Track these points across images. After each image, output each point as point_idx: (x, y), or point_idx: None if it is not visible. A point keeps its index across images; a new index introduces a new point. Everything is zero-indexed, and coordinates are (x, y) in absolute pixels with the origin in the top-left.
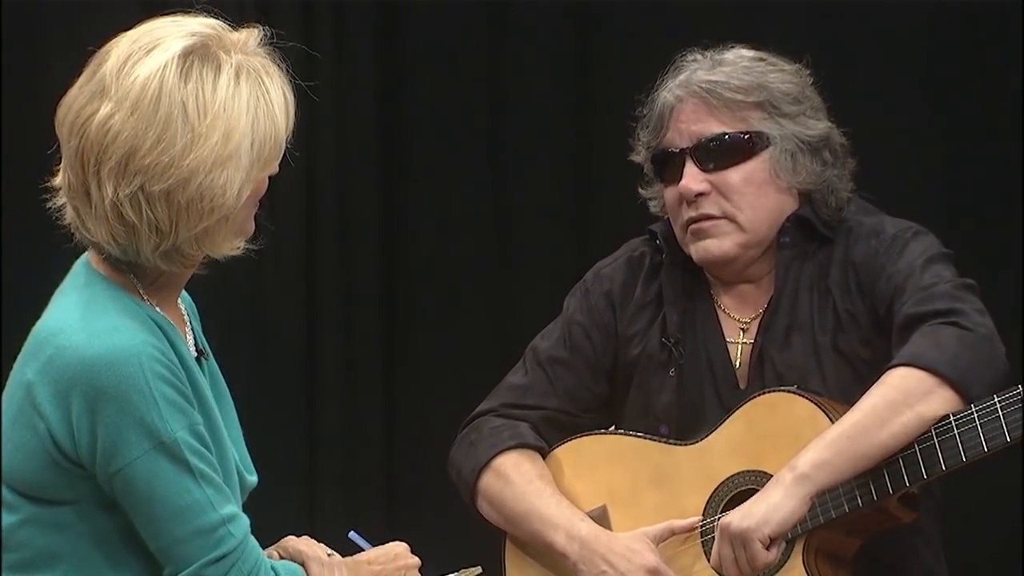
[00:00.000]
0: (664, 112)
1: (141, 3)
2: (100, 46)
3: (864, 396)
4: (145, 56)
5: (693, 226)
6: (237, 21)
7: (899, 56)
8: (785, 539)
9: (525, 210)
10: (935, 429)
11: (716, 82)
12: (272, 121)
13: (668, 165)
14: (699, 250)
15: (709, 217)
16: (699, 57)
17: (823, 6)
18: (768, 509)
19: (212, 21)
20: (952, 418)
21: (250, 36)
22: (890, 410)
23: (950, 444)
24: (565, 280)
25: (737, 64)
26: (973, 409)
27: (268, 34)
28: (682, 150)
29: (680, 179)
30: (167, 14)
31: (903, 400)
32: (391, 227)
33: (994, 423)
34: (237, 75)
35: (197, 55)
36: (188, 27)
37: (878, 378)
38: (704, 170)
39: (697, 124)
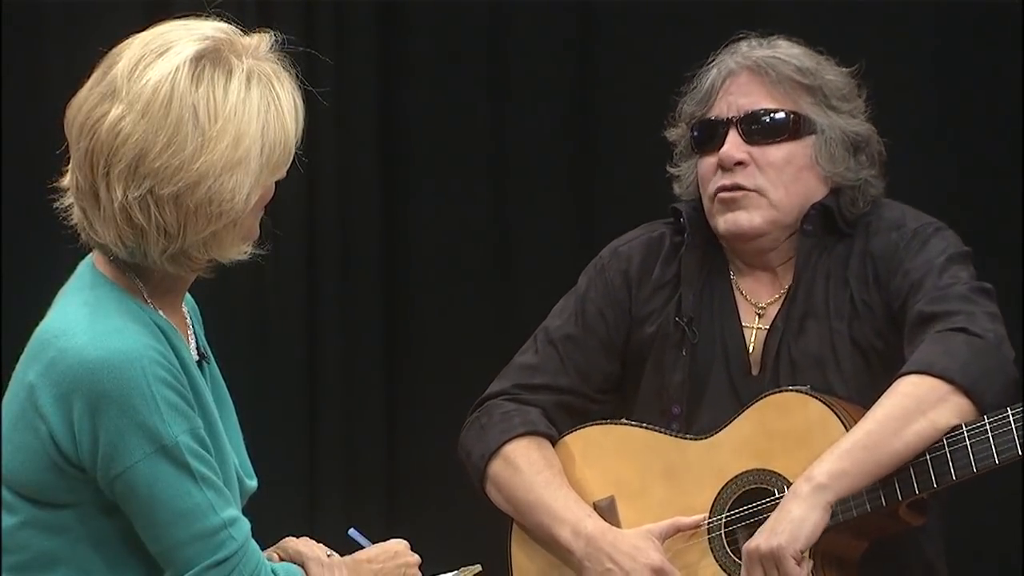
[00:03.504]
0: (716, 82)
1: (142, 4)
2: (101, 46)
3: (876, 404)
4: (157, 59)
5: (724, 194)
6: (237, 21)
7: (905, 57)
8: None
9: (526, 210)
10: (947, 439)
11: (775, 58)
12: (282, 126)
13: (711, 134)
14: (728, 221)
15: (741, 188)
16: (754, 41)
17: (827, 5)
18: (794, 524)
19: (224, 25)
20: (964, 428)
21: (262, 41)
22: (904, 418)
23: (961, 455)
24: (566, 279)
25: (792, 48)
26: (986, 420)
27: (279, 39)
28: (728, 119)
29: (720, 148)
30: (172, 16)
31: (916, 408)
32: (391, 228)
33: (1006, 435)
34: (248, 80)
35: (209, 59)
36: (200, 31)
37: (889, 384)
38: (748, 142)
39: (747, 97)
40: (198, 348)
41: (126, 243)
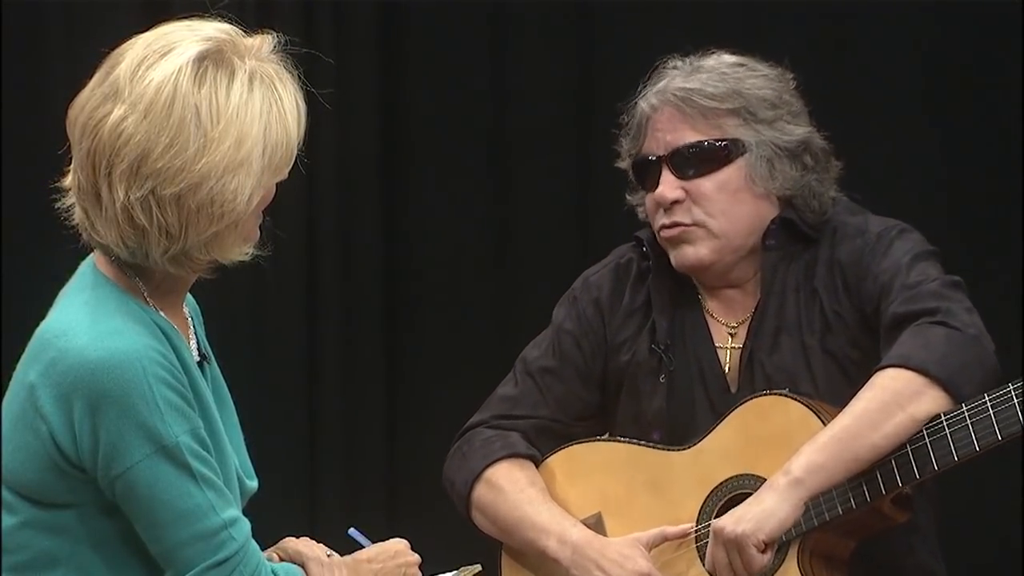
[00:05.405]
0: (641, 120)
1: (142, 4)
2: (103, 46)
3: (855, 398)
4: (160, 60)
5: (665, 232)
6: (237, 22)
7: (898, 57)
8: (780, 543)
9: (526, 212)
10: (927, 429)
11: (691, 89)
12: (284, 128)
13: (646, 172)
14: (676, 256)
15: (680, 225)
16: (678, 64)
17: (823, 7)
18: (762, 514)
19: (226, 26)
20: (943, 418)
21: (264, 42)
22: (881, 411)
23: (942, 444)
24: (566, 279)
25: (714, 71)
26: (964, 408)
27: (282, 41)
28: (659, 158)
29: (657, 186)
30: (172, 17)
31: (894, 401)
32: (392, 230)
33: (985, 422)
34: (251, 81)
35: (211, 60)
36: (203, 32)
37: (868, 379)
38: (680, 177)
39: (672, 132)
40: (199, 349)
41: (128, 243)
